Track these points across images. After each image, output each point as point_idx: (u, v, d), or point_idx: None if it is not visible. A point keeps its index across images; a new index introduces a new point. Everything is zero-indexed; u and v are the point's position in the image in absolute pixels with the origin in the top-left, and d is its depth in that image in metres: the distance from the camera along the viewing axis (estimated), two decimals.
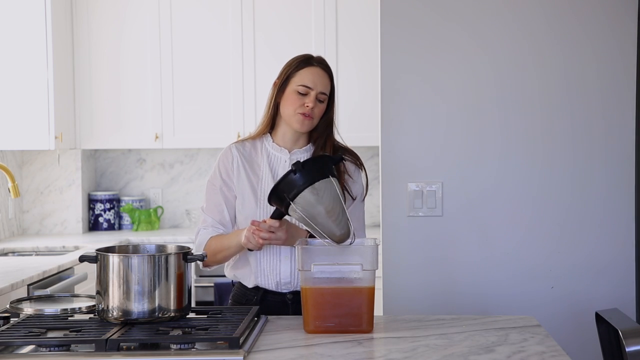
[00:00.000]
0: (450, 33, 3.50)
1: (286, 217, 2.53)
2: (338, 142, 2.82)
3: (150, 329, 2.26)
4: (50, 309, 2.48)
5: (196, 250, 2.77)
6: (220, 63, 5.09)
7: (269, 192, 2.53)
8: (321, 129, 2.78)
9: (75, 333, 2.21)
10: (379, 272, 2.53)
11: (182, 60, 5.10)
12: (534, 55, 3.51)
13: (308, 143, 2.81)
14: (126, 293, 2.30)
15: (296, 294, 2.71)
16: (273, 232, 2.53)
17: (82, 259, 2.38)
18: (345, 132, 3.07)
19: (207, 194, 2.83)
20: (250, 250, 2.66)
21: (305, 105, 2.70)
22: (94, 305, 2.47)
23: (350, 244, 2.41)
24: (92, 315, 2.43)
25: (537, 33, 3.50)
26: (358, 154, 2.86)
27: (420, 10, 3.50)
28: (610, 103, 3.52)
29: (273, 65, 5.06)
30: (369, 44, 4.90)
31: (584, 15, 3.50)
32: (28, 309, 2.47)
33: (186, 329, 2.27)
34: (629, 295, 3.56)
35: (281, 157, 2.79)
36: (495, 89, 3.52)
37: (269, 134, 2.83)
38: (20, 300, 2.58)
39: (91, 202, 5.33)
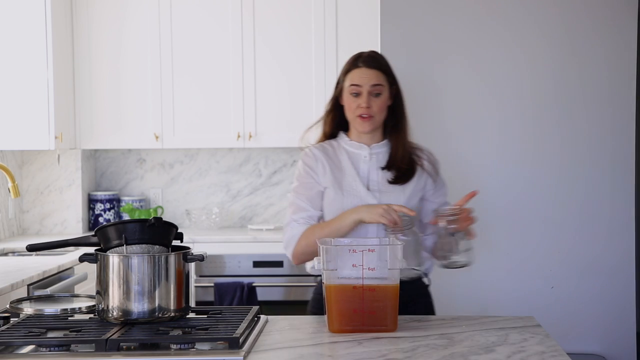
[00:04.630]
0: (450, 33, 3.50)
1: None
2: (410, 142, 2.82)
3: (150, 329, 2.26)
4: (50, 309, 2.48)
5: (286, 246, 2.77)
6: (220, 63, 5.09)
7: (353, 185, 2.69)
8: (393, 122, 2.80)
9: (75, 333, 2.21)
10: None
11: (182, 60, 5.10)
12: (534, 55, 3.51)
13: (384, 138, 2.82)
14: (126, 293, 2.30)
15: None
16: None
17: (82, 259, 2.38)
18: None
19: (295, 195, 2.81)
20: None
21: (360, 106, 2.72)
22: (94, 305, 2.47)
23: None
24: (92, 315, 2.43)
25: (537, 33, 3.51)
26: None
27: (420, 10, 3.50)
28: (610, 103, 3.52)
29: (273, 64, 5.07)
30: (369, 44, 4.90)
31: (584, 15, 3.50)
32: (28, 309, 2.47)
33: (186, 329, 2.27)
34: (629, 295, 3.56)
35: (361, 153, 2.80)
36: (494, 88, 3.52)
37: (343, 134, 2.85)
38: (20, 300, 2.58)
39: (91, 202, 5.33)
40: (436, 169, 2.84)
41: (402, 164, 2.77)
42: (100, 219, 5.31)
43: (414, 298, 2.75)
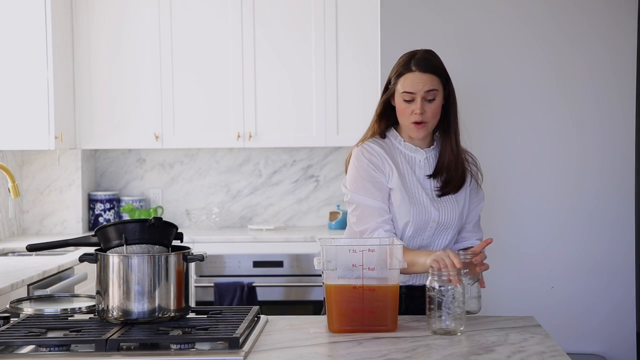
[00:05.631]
0: (450, 32, 3.50)
1: None
2: (462, 146, 2.72)
3: (150, 329, 2.26)
4: (50, 309, 2.48)
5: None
6: (220, 63, 5.09)
7: (416, 193, 2.61)
8: (444, 125, 2.67)
9: (75, 333, 2.21)
10: None
11: (182, 60, 5.10)
12: (534, 55, 3.51)
13: (433, 141, 2.71)
14: (126, 293, 2.30)
15: (411, 289, 2.69)
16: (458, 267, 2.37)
17: (82, 259, 2.38)
18: (346, 131, 3.06)
19: (366, 194, 2.62)
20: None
21: (414, 112, 2.60)
22: (94, 305, 2.47)
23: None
24: (92, 315, 2.43)
25: (537, 33, 3.50)
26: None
27: (420, 10, 3.50)
28: (610, 103, 3.52)
29: (273, 65, 5.07)
30: (370, 38, 4.90)
31: (584, 15, 3.50)
32: (28, 309, 2.47)
33: (186, 329, 2.27)
34: (629, 295, 3.56)
35: (416, 157, 2.68)
36: (494, 88, 3.52)
37: (395, 132, 2.70)
38: (20, 300, 2.58)
39: (91, 202, 5.33)
40: (481, 173, 2.74)
41: (451, 171, 2.65)
42: (100, 219, 5.31)
43: (414, 299, 2.74)
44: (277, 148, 5.38)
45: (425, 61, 2.63)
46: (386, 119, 2.71)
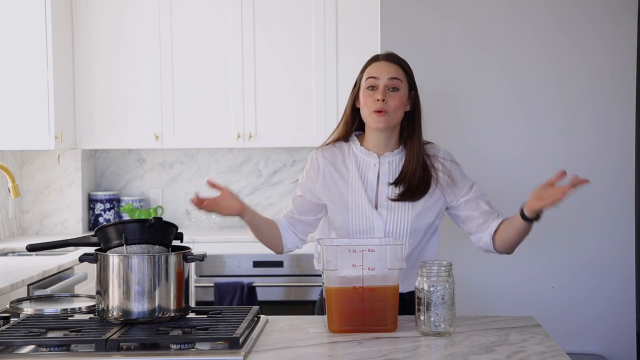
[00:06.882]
0: (450, 32, 3.50)
1: None
2: (425, 149, 2.69)
3: (150, 329, 2.26)
4: (50, 309, 2.48)
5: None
6: (220, 63, 5.09)
7: (359, 201, 2.61)
8: (409, 130, 2.67)
9: (75, 333, 2.21)
10: None
11: (182, 59, 5.10)
12: (533, 55, 3.51)
13: (399, 146, 2.69)
14: (126, 293, 2.30)
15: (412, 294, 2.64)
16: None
17: (82, 259, 2.38)
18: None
19: (295, 192, 2.78)
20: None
21: (376, 99, 2.59)
22: (94, 305, 2.47)
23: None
24: (92, 315, 2.43)
25: (537, 33, 3.51)
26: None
27: (420, 10, 3.50)
28: (610, 103, 3.52)
29: (273, 65, 5.07)
30: (370, 38, 4.89)
31: (584, 15, 3.50)
32: (28, 309, 2.47)
33: (186, 329, 2.27)
34: (629, 295, 3.56)
35: (370, 161, 2.68)
36: (494, 88, 3.52)
37: (355, 138, 2.72)
38: (20, 300, 2.58)
39: (91, 202, 5.33)
40: (452, 178, 2.69)
41: (414, 180, 2.63)
42: (100, 219, 5.31)
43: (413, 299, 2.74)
44: (277, 148, 5.38)
45: (392, 54, 2.70)
46: (351, 124, 2.72)
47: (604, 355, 3.56)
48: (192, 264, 2.51)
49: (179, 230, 2.48)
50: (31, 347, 2.16)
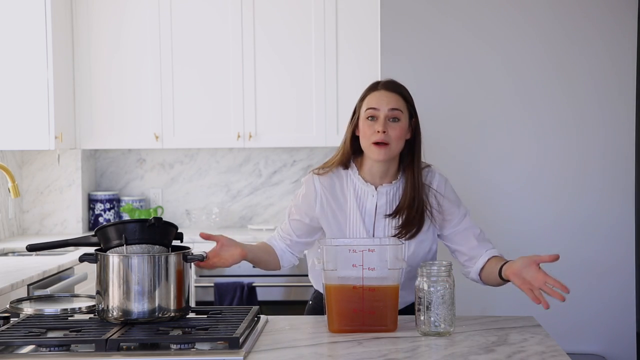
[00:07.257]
0: (450, 31, 3.50)
1: None
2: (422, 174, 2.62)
3: (150, 329, 2.26)
4: (50, 309, 2.48)
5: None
6: (220, 63, 5.09)
7: (357, 234, 2.56)
8: (409, 158, 2.61)
9: (75, 333, 2.21)
10: None
11: (182, 59, 5.10)
12: (534, 55, 3.51)
13: (397, 175, 2.62)
14: (126, 293, 2.30)
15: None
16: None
17: (82, 259, 2.38)
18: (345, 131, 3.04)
19: (293, 211, 2.70)
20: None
21: (377, 131, 2.52)
22: (94, 305, 2.47)
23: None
24: (92, 315, 2.43)
25: (538, 33, 3.51)
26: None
27: (420, 9, 3.50)
28: (610, 103, 3.52)
29: (273, 65, 5.07)
30: (370, 38, 4.90)
31: (585, 15, 3.50)
32: (28, 309, 2.47)
33: (186, 329, 2.27)
34: (629, 296, 3.56)
35: (368, 191, 2.61)
36: (494, 87, 3.52)
37: (354, 166, 2.64)
38: (20, 300, 2.58)
39: (91, 202, 5.33)
40: (442, 212, 2.62)
41: (412, 210, 2.57)
42: (100, 219, 5.31)
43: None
44: (277, 148, 5.38)
45: (391, 82, 2.62)
46: (351, 152, 2.64)
47: (604, 355, 3.56)
48: (192, 264, 2.51)
49: (179, 230, 2.48)
50: (31, 347, 2.16)
